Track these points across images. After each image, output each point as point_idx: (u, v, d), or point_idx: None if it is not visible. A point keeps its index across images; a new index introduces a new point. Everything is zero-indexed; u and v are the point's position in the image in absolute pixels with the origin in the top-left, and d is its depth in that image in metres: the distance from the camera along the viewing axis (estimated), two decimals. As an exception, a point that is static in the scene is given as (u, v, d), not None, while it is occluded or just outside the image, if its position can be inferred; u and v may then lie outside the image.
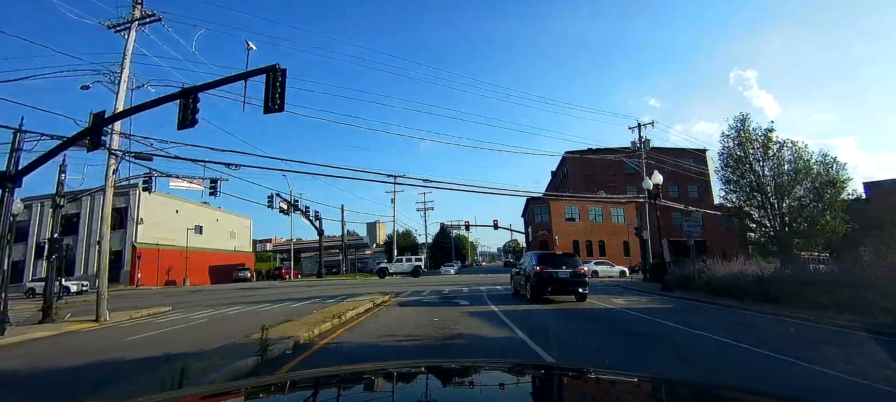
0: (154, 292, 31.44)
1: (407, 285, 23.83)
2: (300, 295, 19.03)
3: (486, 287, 19.79)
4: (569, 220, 46.59)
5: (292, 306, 14.10)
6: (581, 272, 11.94)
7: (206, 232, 57.11)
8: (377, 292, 16.67)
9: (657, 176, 17.44)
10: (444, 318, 9.57)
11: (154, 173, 20.68)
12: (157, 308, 16.74)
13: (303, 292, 21.54)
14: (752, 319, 9.51)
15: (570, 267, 11.98)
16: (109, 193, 16.50)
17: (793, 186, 21.01)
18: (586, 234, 46.57)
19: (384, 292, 16.22)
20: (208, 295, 22.47)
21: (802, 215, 20.31)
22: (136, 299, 22.53)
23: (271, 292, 22.47)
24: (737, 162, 21.91)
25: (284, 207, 33.22)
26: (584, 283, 11.92)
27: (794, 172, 21.23)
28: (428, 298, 15.13)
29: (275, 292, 23.02)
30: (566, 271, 11.80)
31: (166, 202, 50.61)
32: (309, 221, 39.12)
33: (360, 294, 16.03)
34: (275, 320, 9.46)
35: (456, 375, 1.75)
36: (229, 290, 26.61)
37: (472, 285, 21.75)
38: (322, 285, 26.79)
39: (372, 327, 8.37)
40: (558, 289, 11.80)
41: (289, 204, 34.20)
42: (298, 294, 19.73)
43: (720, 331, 7.74)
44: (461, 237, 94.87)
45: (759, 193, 21.79)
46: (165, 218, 49.74)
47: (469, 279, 30.07)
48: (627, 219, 49.65)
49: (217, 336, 8.08)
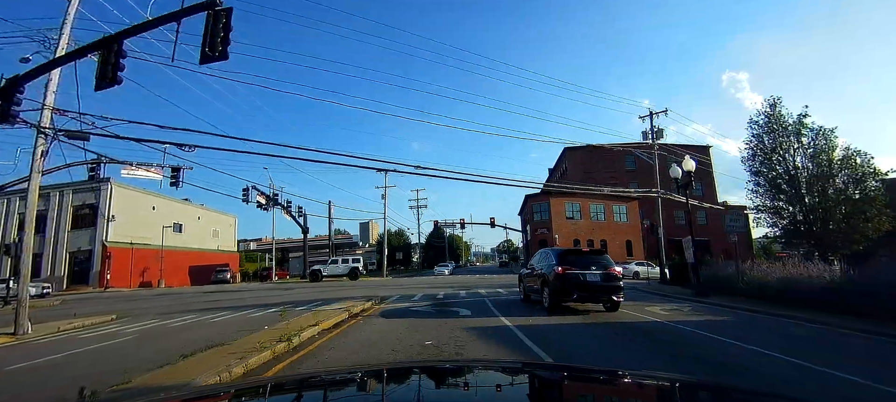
0: (120, 295, 28.49)
1: (396, 288, 21.23)
2: (271, 300, 16.39)
3: (487, 290, 17.29)
4: (569, 218, 44.25)
5: (252, 316, 11.50)
6: (615, 275, 9.47)
7: (186, 230, 53.95)
8: (360, 297, 14.11)
9: (689, 161, 15.03)
10: (441, 338, 7.02)
11: (103, 160, 17.91)
12: (100, 317, 13.94)
13: (277, 296, 18.87)
14: (857, 341, 7.07)
15: (601, 268, 9.53)
16: (36, 181, 13.57)
17: (830, 177, 18.76)
18: (588, 233, 44.27)
19: (368, 297, 13.63)
20: (173, 300, 19.72)
21: (842, 210, 18.06)
22: (92, 304, 19.77)
23: (243, 296, 19.77)
24: (768, 151, 19.67)
25: (262, 201, 30.16)
26: (619, 288, 9.46)
27: (829, 163, 19.01)
28: (419, 305, 12.57)
29: (248, 295, 20.31)
30: (596, 274, 9.36)
31: (142, 198, 47.47)
32: (291, 217, 36.04)
33: (338, 300, 13.44)
34: (209, 340, 6.92)
35: (451, 375, 1.74)
36: (199, 294, 23.82)
37: (469, 288, 19.26)
38: (301, 289, 24.09)
39: (331, 358, 5.79)
40: (586, 295, 9.41)
41: (268, 198, 31.12)
42: (270, 299, 17.08)
43: (855, 367, 5.15)
44: (455, 237, 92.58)
45: (791, 185, 19.53)
46: (141, 215, 46.59)
47: (465, 281, 27.54)
48: (630, 218, 47.47)
49: (116, 368, 5.56)
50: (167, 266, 47.40)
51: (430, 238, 77.31)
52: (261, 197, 29.59)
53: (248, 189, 27.40)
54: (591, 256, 10.37)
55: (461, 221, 44.09)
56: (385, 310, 11.13)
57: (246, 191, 27.26)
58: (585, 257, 10.08)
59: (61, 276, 41.92)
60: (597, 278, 9.30)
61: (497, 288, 18.81)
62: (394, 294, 16.61)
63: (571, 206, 44.42)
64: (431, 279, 31.81)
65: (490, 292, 16.38)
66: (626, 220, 47.09)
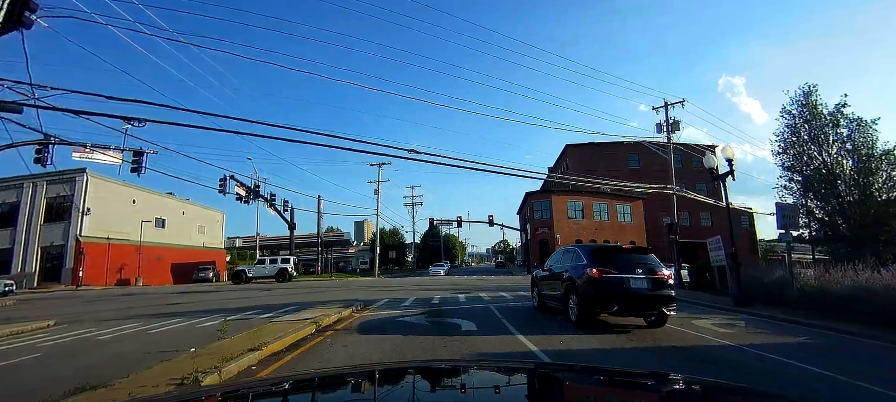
0: (87, 294, 26.04)
1: (385, 291, 19.03)
2: (240, 304, 14.14)
3: (489, 294, 15.12)
4: (571, 217, 42.19)
5: (201, 325, 9.28)
6: (665, 281, 7.27)
7: (169, 225, 51.39)
8: (338, 302, 11.91)
9: (729, 149, 12.90)
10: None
11: (53, 141, 15.59)
12: (36, 322, 11.57)
13: (250, 299, 16.61)
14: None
15: (648, 271, 7.35)
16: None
17: (873, 172, 16.78)
18: (590, 233, 42.21)
19: (349, 303, 11.39)
20: (136, 301, 17.42)
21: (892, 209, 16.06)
22: (49, 305, 17.45)
23: (213, 298, 17.48)
24: (805, 143, 17.66)
25: (242, 192, 27.60)
26: (671, 298, 7.25)
27: (869, 157, 17.04)
28: (410, 313, 10.34)
29: (219, 297, 18.00)
30: (642, 278, 7.18)
31: (121, 191, 44.90)
32: (275, 211, 33.34)
33: (314, 305, 11.20)
34: (100, 375, 4.68)
35: (447, 375, 1.73)
36: (169, 294, 21.46)
37: (469, 291, 17.10)
38: (280, 290, 21.80)
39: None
40: (631, 307, 7.17)
41: (248, 189, 28.51)
42: (239, 302, 14.83)
43: None
44: (451, 237, 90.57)
45: (827, 182, 17.52)
46: (119, 209, 44.04)
47: (462, 282, 25.36)
48: (635, 218, 45.49)
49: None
50: (148, 263, 44.86)
51: (426, 237, 75.21)
52: (240, 188, 27.00)
53: (226, 179, 24.88)
54: (634, 255, 8.14)
55: (458, 218, 41.96)
56: (366, 321, 8.89)
57: (223, 181, 24.74)
58: (626, 256, 7.86)
59: (33, 272, 39.33)
60: (643, 285, 7.11)
61: (500, 291, 16.67)
62: (381, 298, 14.38)
63: (574, 204, 42.36)
64: (426, 280, 29.60)
65: (493, 297, 14.23)
66: (631, 220, 45.11)
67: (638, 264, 7.43)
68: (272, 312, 11.05)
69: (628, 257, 7.78)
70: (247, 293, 19.84)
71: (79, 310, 14.37)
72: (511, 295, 14.91)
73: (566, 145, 54.80)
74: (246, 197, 27.84)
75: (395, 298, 14.56)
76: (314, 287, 22.75)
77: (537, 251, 42.02)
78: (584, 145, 54.83)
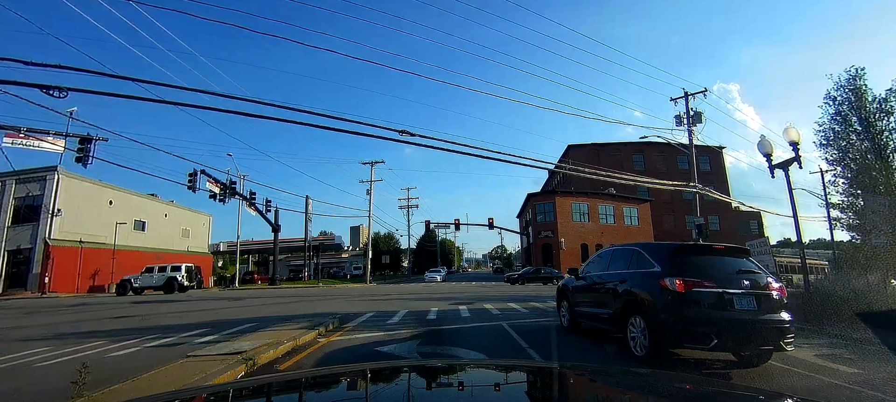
0: (42, 304, 23.21)
1: (373, 301, 16.51)
2: (190, 319, 11.55)
3: (496, 307, 12.64)
4: (576, 220, 39.80)
5: (111, 355, 6.71)
6: (780, 299, 4.82)
7: (150, 229, 48.61)
8: (305, 319, 9.33)
9: (792, 131, 10.47)
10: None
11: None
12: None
13: (210, 311, 14.02)
14: None
15: (754, 283, 4.86)
16: None
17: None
18: (596, 237, 39.86)
19: (319, 320, 8.81)
20: (79, 315, 14.77)
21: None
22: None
23: (162, 310, 14.82)
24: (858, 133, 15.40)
25: (215, 189, 24.73)
26: (789, 326, 4.76)
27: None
28: (397, 335, 7.77)
29: (175, 309, 15.32)
30: (747, 294, 4.72)
31: (97, 191, 42.18)
32: (257, 211, 30.27)
33: (270, 324, 8.57)
34: None
35: (445, 375, 1.68)
36: (120, 306, 18.72)
37: (471, 301, 14.61)
38: (255, 300, 19.18)
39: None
40: (735, 339, 4.65)
41: (224, 186, 25.61)
42: (191, 317, 12.22)
43: None
44: (447, 242, 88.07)
45: (884, 175, 15.23)
46: (94, 210, 41.24)
47: (462, 290, 22.84)
48: (642, 221, 43.18)
49: None
50: (125, 268, 41.89)
51: (422, 242, 72.66)
52: (213, 184, 24.15)
53: (195, 174, 22.08)
54: (731, 258, 5.36)
55: (456, 221, 39.46)
56: (330, 354, 6.21)
57: (192, 176, 21.95)
58: (721, 259, 5.30)
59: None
60: (751, 305, 4.62)
61: (508, 302, 14.20)
62: (365, 312, 11.80)
63: (579, 206, 40.01)
64: (421, 288, 27.02)
65: (502, 310, 11.76)
66: (638, 223, 42.81)
67: (740, 272, 4.94)
68: (224, 331, 8.50)
69: (723, 262, 5.26)
70: (214, 304, 17.19)
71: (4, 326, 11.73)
72: (523, 308, 12.44)
73: (568, 146, 52.61)
74: (221, 195, 24.97)
75: (382, 311, 12.01)
76: (287, 297, 20.06)
77: (540, 256, 39.57)
78: (587, 146, 52.66)
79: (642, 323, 5.10)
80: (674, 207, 50.41)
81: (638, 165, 51.77)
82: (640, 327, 5.14)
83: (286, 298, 19.17)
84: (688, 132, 22.72)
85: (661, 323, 4.86)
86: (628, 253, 6.15)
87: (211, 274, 57.43)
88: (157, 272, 28.71)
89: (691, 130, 22.56)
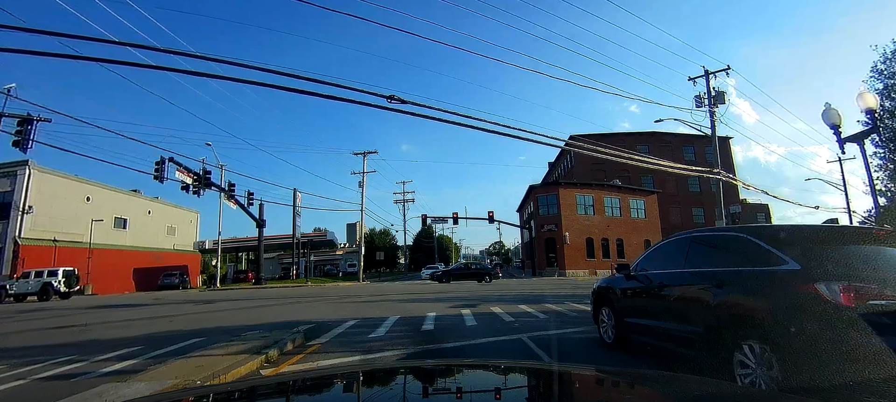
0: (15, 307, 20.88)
1: (359, 305, 14.46)
2: (134, 330, 9.42)
3: (507, 310, 10.59)
4: (581, 213, 37.77)
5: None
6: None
7: (132, 226, 46.25)
8: (259, 332, 7.19)
9: (868, 97, 8.40)
10: None
11: None
12: None
13: (166, 316, 11.90)
14: None
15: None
16: None
17: None
18: (602, 230, 37.90)
19: (279, 335, 6.66)
20: (25, 324, 12.66)
21: None
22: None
23: (118, 318, 12.67)
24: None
25: (187, 180, 22.22)
26: None
27: None
28: (377, 367, 5.81)
29: (128, 315, 13.15)
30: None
31: (73, 186, 39.76)
32: (238, 204, 27.49)
33: (224, 341, 6.45)
34: None
35: (441, 377, 1.66)
36: (80, 312, 16.55)
37: (474, 303, 12.57)
38: (225, 302, 17.03)
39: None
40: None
41: (196, 176, 22.99)
42: (137, 327, 10.06)
43: None
44: (445, 238, 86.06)
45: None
46: (71, 207, 38.87)
47: (463, 290, 20.80)
48: (649, 214, 41.25)
49: None
50: (106, 268, 39.74)
51: (419, 238, 70.63)
52: (184, 173, 21.64)
53: (163, 162, 19.53)
54: (889, 248, 3.38)
55: (454, 215, 37.32)
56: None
57: (159, 165, 19.42)
58: (885, 250, 3.28)
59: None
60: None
61: (519, 304, 12.14)
62: (345, 320, 9.65)
63: (583, 198, 37.98)
64: (417, 287, 24.96)
65: (516, 315, 9.71)
66: (645, 216, 40.86)
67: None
68: (165, 349, 6.40)
69: (884, 254, 3.29)
70: (187, 308, 15.03)
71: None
72: (539, 311, 10.39)
73: (570, 137, 50.59)
74: (196, 186, 22.48)
75: (368, 318, 9.88)
76: (265, 299, 17.80)
77: (543, 251, 37.60)
78: (590, 136, 50.68)
79: (766, 353, 3.06)
80: (680, 198, 48.56)
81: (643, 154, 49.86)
82: (760, 359, 3.11)
83: (262, 301, 16.99)
84: (709, 114, 20.69)
85: (806, 357, 2.81)
86: (725, 240, 4.11)
87: (199, 273, 55.23)
88: (34, 278, 25.28)
89: (713, 111, 20.52)
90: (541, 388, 1.43)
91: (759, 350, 3.28)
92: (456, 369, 1.80)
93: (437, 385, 1.49)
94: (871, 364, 2.76)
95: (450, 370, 1.77)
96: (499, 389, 1.38)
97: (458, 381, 1.52)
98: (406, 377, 1.59)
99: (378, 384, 1.51)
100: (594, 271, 33.67)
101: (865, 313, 2.85)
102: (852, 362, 2.78)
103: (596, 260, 36.34)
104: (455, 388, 1.42)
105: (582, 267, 35.84)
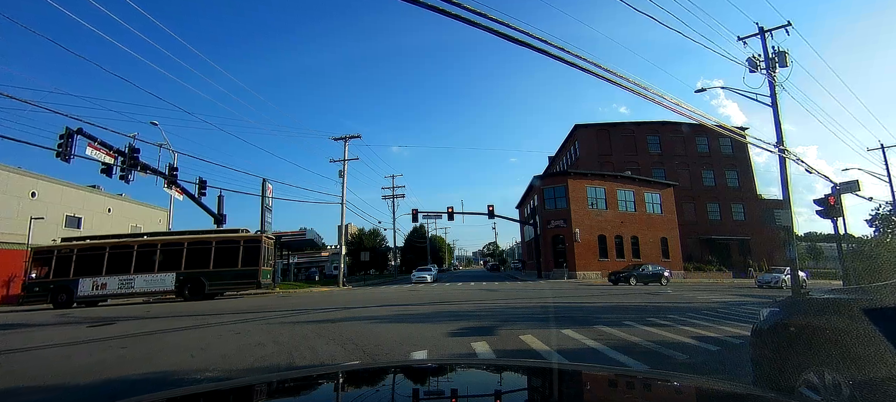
0: None
1: (304, 331, 10.06)
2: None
3: (539, 338, 6.35)
4: (592, 207, 33.72)
5: None
6: None
7: (87, 225, 41.18)
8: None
9: None
10: None
11: None
12: None
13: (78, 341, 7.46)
14: None
15: None
16: None
17: None
18: (615, 227, 33.91)
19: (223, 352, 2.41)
20: None
21: None
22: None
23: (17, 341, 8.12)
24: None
25: (107, 159, 16.99)
26: None
27: None
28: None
29: (58, 336, 8.63)
30: None
31: (14, 180, 34.81)
32: (187, 194, 22.01)
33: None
34: None
35: (442, 375, 1.64)
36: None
37: (491, 324, 8.39)
38: (165, 312, 12.52)
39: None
40: None
41: (121, 156, 17.68)
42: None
43: None
44: (438, 239, 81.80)
45: None
46: (11, 204, 33.99)
47: (463, 296, 16.56)
48: (665, 208, 37.34)
49: None
50: (52, 272, 34.77)
51: (411, 238, 66.33)
52: (100, 150, 16.42)
53: (70, 136, 14.43)
54: None
55: (449, 209, 32.96)
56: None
57: (64, 138, 14.28)
58: None
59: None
60: None
61: (533, 312, 7.90)
62: (207, 378, 5.20)
63: (594, 191, 33.96)
64: (404, 293, 20.59)
65: (565, 351, 5.49)
66: (660, 211, 36.95)
67: None
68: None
69: None
70: (102, 327, 10.48)
71: None
72: (601, 343, 6.17)
73: (575, 126, 46.75)
74: (123, 169, 17.28)
75: (290, 377, 5.55)
76: (187, 316, 13.02)
77: (550, 250, 33.48)
78: (595, 126, 46.84)
79: None
80: (694, 193, 44.82)
81: (653, 146, 46.10)
82: None
83: (179, 320, 11.95)
84: (769, 81, 16.63)
85: None
86: None
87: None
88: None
89: (773, 75, 16.48)
90: (541, 388, 1.41)
91: None
92: (453, 368, 1.78)
93: (437, 385, 1.46)
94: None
95: (450, 368, 1.76)
96: (498, 390, 1.36)
97: (458, 381, 1.50)
98: (406, 376, 1.58)
99: (378, 383, 1.48)
100: (606, 272, 29.56)
101: None
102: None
103: (609, 260, 32.32)
104: (454, 389, 1.41)
105: (594, 268, 31.79)
